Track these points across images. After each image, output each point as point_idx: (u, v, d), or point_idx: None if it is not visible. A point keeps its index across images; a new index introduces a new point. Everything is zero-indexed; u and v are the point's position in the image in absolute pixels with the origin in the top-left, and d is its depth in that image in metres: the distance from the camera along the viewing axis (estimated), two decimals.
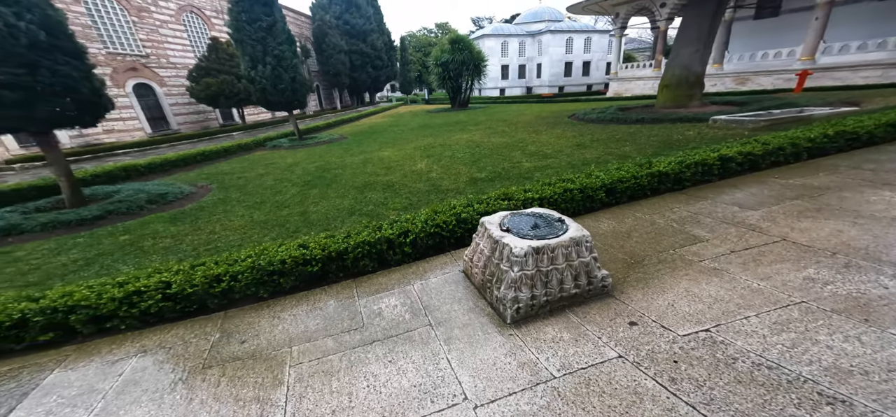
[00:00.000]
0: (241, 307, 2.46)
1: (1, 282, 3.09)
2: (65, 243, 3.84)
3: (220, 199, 5.50)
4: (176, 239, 3.94)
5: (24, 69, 3.83)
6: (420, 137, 10.60)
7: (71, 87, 4.27)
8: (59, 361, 2.01)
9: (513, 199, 3.24)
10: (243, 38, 9.71)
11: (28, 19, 3.80)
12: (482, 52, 20.58)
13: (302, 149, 10.20)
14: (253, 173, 7.36)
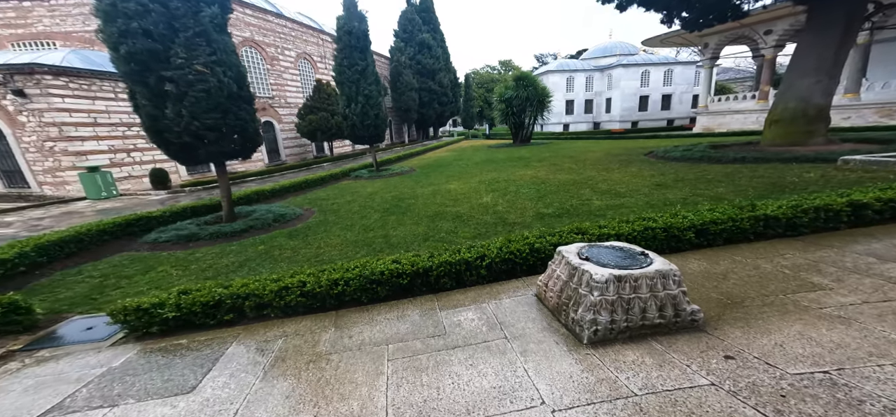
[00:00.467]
0: (348, 308, 3.07)
1: (191, 275, 4.33)
2: (224, 249, 5.18)
3: (321, 221, 6.68)
4: (294, 251, 4.97)
5: (220, 114, 5.46)
6: (484, 172, 11.14)
7: (243, 128, 5.89)
8: (235, 337, 2.80)
9: (587, 233, 3.43)
10: (343, 80, 11.78)
11: (230, 76, 5.49)
12: (547, 88, 20.92)
13: (379, 180, 11.64)
14: (342, 200, 8.70)
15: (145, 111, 5.11)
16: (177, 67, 4.91)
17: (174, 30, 4.88)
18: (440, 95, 37.58)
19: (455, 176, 11.02)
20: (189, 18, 4.95)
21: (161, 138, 5.35)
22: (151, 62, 4.82)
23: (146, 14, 4.64)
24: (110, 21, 4.61)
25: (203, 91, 5.13)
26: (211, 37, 5.21)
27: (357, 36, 11.39)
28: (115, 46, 4.68)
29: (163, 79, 4.93)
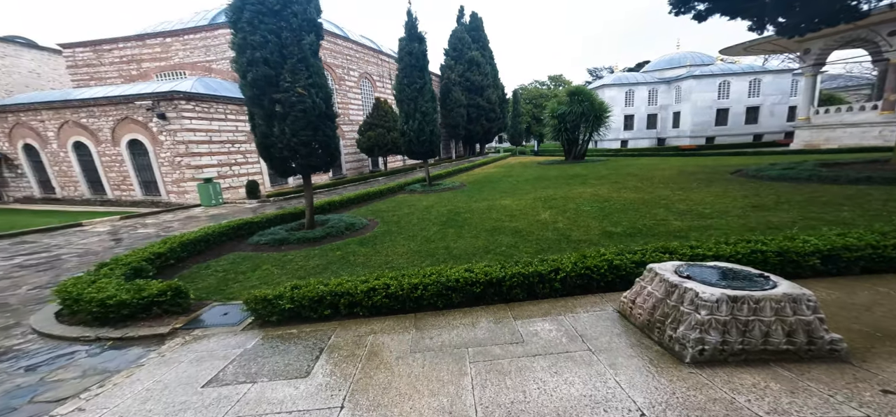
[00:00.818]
0: (425, 312, 3.33)
1: (287, 274, 5.05)
2: (309, 253, 5.96)
3: (386, 231, 7.28)
4: (366, 258, 5.52)
5: (312, 132, 6.38)
6: (538, 189, 11.01)
7: (327, 143, 6.78)
8: (332, 330, 3.25)
9: (675, 253, 3.35)
10: (402, 98, 12.72)
11: (320, 97, 6.42)
12: (605, 103, 19.93)
13: (432, 194, 12.21)
14: (401, 212, 9.33)
15: (259, 129, 6.19)
16: (284, 90, 5.89)
17: (284, 57, 5.88)
18: (488, 111, 38.07)
19: (508, 192, 11.08)
20: (294, 46, 5.94)
21: (268, 153, 6.41)
22: (266, 86, 5.86)
23: (265, 44, 5.68)
24: (241, 53, 5.73)
25: (301, 111, 6.07)
26: (309, 62, 6.19)
27: (416, 56, 12.36)
28: (243, 74, 5.80)
29: (273, 101, 5.93)
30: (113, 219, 9.94)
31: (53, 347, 3.07)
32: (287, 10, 5.81)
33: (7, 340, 3.24)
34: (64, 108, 13.79)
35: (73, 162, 14.53)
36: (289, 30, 5.87)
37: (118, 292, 3.31)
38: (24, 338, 3.29)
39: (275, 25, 5.71)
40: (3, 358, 2.92)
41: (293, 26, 5.91)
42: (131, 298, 3.29)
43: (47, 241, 7.37)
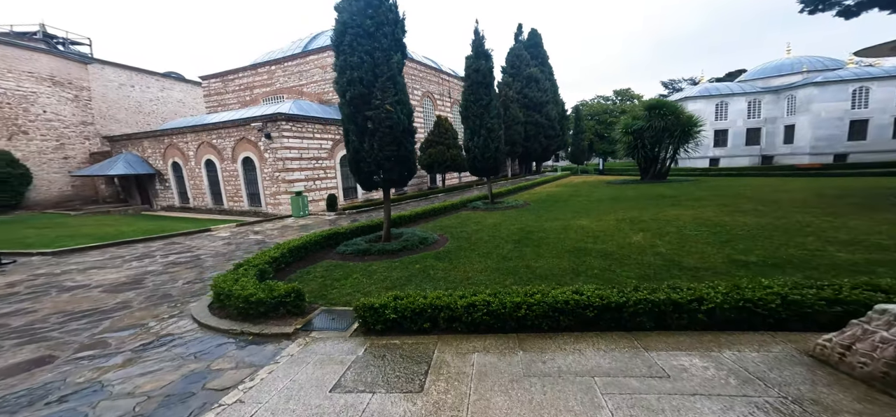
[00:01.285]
0: (528, 333, 3.10)
1: (375, 284, 5.25)
2: (390, 265, 6.23)
3: (458, 247, 7.27)
4: (446, 272, 5.52)
5: (396, 147, 6.80)
6: (617, 210, 10.03)
7: (407, 158, 7.16)
8: (433, 344, 3.17)
9: (891, 292, 2.66)
10: (468, 115, 12.92)
11: (404, 113, 6.86)
12: (694, 117, 17.60)
13: (496, 212, 12.00)
14: (469, 229, 9.31)
15: (353, 144, 6.78)
16: (374, 107, 6.41)
17: (375, 76, 6.41)
18: (547, 128, 36.81)
19: (581, 212, 10.30)
20: (384, 66, 6.46)
21: (358, 167, 6.97)
22: (361, 104, 6.44)
23: (361, 65, 6.30)
24: (342, 73, 6.42)
25: (388, 127, 6.52)
26: (396, 80, 6.68)
27: (483, 73, 12.59)
28: (343, 92, 6.47)
29: (365, 118, 6.47)
30: (230, 226, 11.92)
31: (210, 337, 3.62)
32: (379, 32, 6.38)
33: (179, 326, 3.96)
34: (202, 131, 17.34)
35: (204, 177, 18.08)
36: (380, 50, 6.42)
37: (256, 291, 3.84)
38: (190, 325, 3.97)
39: (369, 47, 6.30)
40: (179, 343, 3.53)
41: (384, 47, 6.46)
42: (266, 297, 3.77)
43: (188, 243, 9.10)
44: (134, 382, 2.79)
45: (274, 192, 16.58)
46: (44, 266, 6.80)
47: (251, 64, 22.84)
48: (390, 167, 6.90)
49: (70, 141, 19.53)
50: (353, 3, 6.32)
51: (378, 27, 6.36)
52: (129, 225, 12.77)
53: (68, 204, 19.12)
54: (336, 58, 6.63)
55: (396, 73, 6.63)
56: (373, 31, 6.32)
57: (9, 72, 17.27)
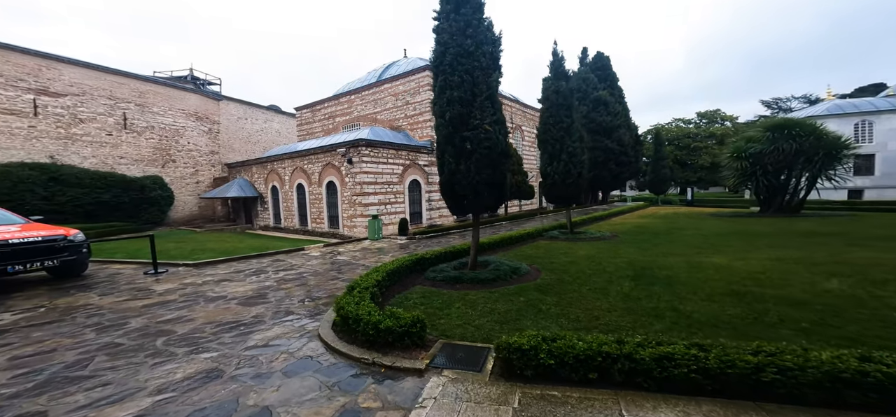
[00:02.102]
0: (768, 403, 2.28)
1: (480, 315, 4.78)
2: (490, 295, 5.70)
3: (557, 280, 6.46)
4: (561, 308, 4.75)
5: (491, 170, 6.48)
6: (758, 247, 8.27)
7: (502, 182, 6.75)
8: (613, 403, 2.51)
9: None
10: (546, 139, 12.26)
11: (502, 134, 6.58)
12: (845, 137, 14.32)
13: (582, 244, 10.86)
14: (558, 260, 8.42)
15: (449, 167, 6.60)
16: (473, 127, 6.23)
17: (473, 95, 6.28)
18: (618, 155, 33.88)
19: (701, 248, 8.66)
20: (483, 84, 6.33)
21: (452, 190, 6.76)
22: (459, 124, 6.31)
23: (461, 84, 6.22)
24: (442, 93, 6.42)
25: (486, 148, 6.28)
26: (494, 99, 6.50)
27: (563, 95, 11.98)
28: (442, 113, 6.45)
29: (463, 139, 6.30)
30: (318, 247, 12.94)
31: (344, 365, 3.47)
32: (479, 51, 6.30)
33: (312, 348, 3.97)
34: (297, 157, 19.82)
35: (294, 199, 20.45)
36: (480, 69, 6.32)
37: (383, 318, 3.73)
38: (321, 348, 3.90)
39: (469, 66, 6.24)
40: (318, 368, 3.42)
41: (483, 65, 6.37)
42: (394, 326, 3.62)
43: (289, 261, 9.97)
44: (296, 413, 2.75)
45: (350, 215, 17.81)
46: (188, 276, 7.93)
47: (334, 94, 25.79)
48: (485, 190, 6.61)
49: (201, 167, 24.09)
50: (453, 24, 6.46)
51: (477, 46, 6.36)
52: (240, 242, 14.76)
53: (194, 222, 23.23)
54: (435, 79, 6.77)
55: (494, 92, 6.51)
56: (472, 50, 6.32)
57: (169, 110, 22.32)
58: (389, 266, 6.70)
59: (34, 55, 16.81)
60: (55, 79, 17.37)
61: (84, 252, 7.09)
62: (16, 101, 15.93)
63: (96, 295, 6.27)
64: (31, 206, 14.35)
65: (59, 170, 16.14)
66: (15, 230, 6.33)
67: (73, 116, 17.89)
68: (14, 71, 16.00)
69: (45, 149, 16.82)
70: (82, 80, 18.36)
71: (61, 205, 15.71)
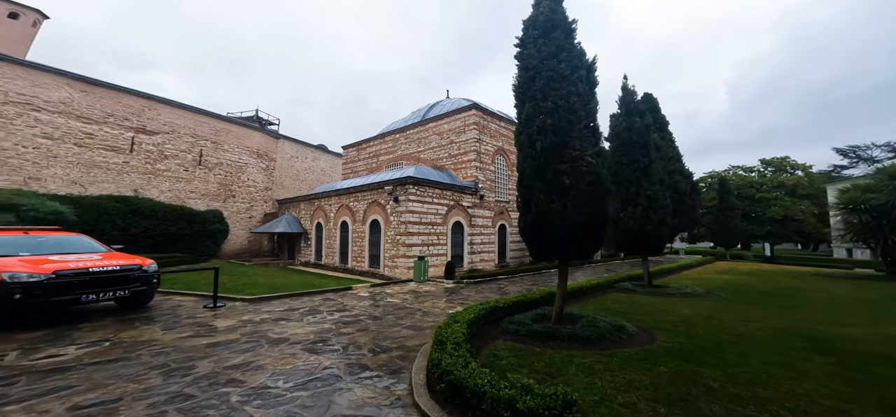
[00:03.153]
0: None
1: (619, 388, 3.60)
2: (608, 362, 4.39)
3: (690, 346, 5.04)
4: (738, 387, 3.50)
5: (593, 208, 5.53)
6: None
7: (603, 223, 5.76)
8: None
9: None
10: (620, 180, 11.14)
11: (606, 166, 5.76)
12: None
13: (673, 298, 9.17)
14: (664, 319, 6.90)
15: (538, 206, 5.76)
16: (570, 159, 5.48)
17: (570, 123, 5.60)
18: (675, 203, 31.04)
19: (848, 315, 6.79)
20: (581, 111, 5.68)
21: (539, 232, 5.86)
22: (552, 156, 5.59)
23: (555, 111, 5.59)
24: (531, 121, 5.79)
25: (588, 183, 5.45)
26: (595, 128, 5.79)
27: (638, 132, 11.05)
28: (531, 143, 5.74)
29: (558, 173, 5.53)
30: (365, 287, 12.35)
31: None
32: (575, 75, 5.77)
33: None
34: (343, 194, 20.26)
35: (337, 237, 20.59)
36: (576, 95, 5.73)
37: (516, 394, 2.76)
38: None
39: (564, 91, 5.67)
40: None
41: (580, 91, 5.78)
42: (537, 407, 2.63)
43: (340, 300, 9.36)
44: None
45: (392, 255, 17.26)
46: (245, 312, 7.53)
47: (379, 133, 26.87)
48: (584, 232, 5.67)
49: (256, 203, 25.56)
50: (543, 48, 6.06)
51: (573, 70, 5.83)
52: (286, 277, 14.61)
53: (242, 255, 24.08)
54: (521, 107, 6.24)
55: (595, 120, 5.84)
56: (567, 73, 5.79)
57: (237, 148, 24.45)
58: (465, 315, 5.74)
59: (139, 96, 19.40)
60: (153, 118, 19.89)
61: (154, 283, 6.99)
62: (118, 139, 18.26)
63: (160, 330, 5.93)
64: (109, 236, 15.59)
65: (140, 203, 17.71)
66: (97, 258, 6.38)
67: (160, 153, 20.07)
68: (123, 110, 18.58)
69: (133, 183, 18.74)
70: (173, 119, 20.86)
71: (135, 235, 16.94)
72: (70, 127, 16.37)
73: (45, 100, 15.58)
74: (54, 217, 10.68)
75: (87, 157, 16.99)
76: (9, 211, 9.75)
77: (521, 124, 6.20)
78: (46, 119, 15.56)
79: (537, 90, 5.93)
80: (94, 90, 17.50)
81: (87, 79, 17.39)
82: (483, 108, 21.79)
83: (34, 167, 15.22)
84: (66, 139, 16.21)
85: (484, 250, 21.36)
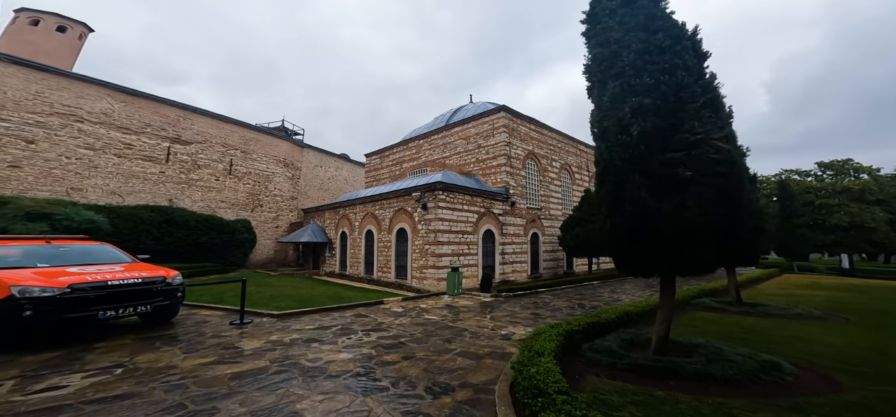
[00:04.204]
0: None
1: None
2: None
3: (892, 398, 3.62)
4: None
5: (726, 208, 4.21)
6: None
7: (741, 227, 4.47)
8: None
9: None
10: None
11: (740, 155, 4.60)
12: None
13: (784, 321, 7.45)
14: (791, 350, 5.34)
15: (637, 204, 4.49)
16: (689, 145, 4.22)
17: (680, 101, 4.39)
18: None
19: None
20: (694, 87, 4.44)
21: (635, 237, 4.60)
22: (656, 143, 4.37)
23: (657, 88, 4.42)
24: (619, 103, 4.63)
25: (718, 175, 4.14)
26: (718, 105, 4.50)
27: None
28: (623, 128, 4.56)
29: (668, 164, 4.30)
30: (397, 300, 11.33)
31: None
32: (678, 46, 4.57)
33: None
34: (369, 202, 19.59)
35: (362, 247, 19.87)
36: (684, 68, 4.52)
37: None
38: None
39: (667, 64, 4.47)
40: None
41: (689, 64, 4.56)
42: None
43: (374, 317, 8.36)
44: None
45: (421, 266, 16.21)
46: (274, 330, 6.68)
47: (402, 140, 26.26)
48: (709, 239, 4.32)
49: (282, 212, 25.53)
50: (626, 18, 4.88)
51: (676, 40, 4.64)
52: (313, 289, 13.87)
53: (268, 265, 23.93)
54: (602, 87, 5.04)
55: (718, 98, 4.56)
56: (668, 44, 4.58)
57: (264, 157, 24.62)
58: (544, 343, 4.50)
59: (175, 106, 19.80)
60: (188, 128, 20.29)
61: (179, 296, 6.28)
62: (155, 149, 18.66)
63: (181, 353, 5.12)
64: (145, 246, 15.63)
65: (173, 213, 17.84)
66: (119, 270, 5.73)
67: (194, 163, 20.39)
68: (160, 120, 19.03)
69: (167, 192, 19.03)
70: (206, 129, 21.24)
71: (167, 245, 16.98)
72: (111, 137, 16.83)
73: (88, 112, 16.10)
74: (88, 226, 10.53)
75: (126, 168, 17.38)
76: (43, 221, 9.62)
77: (602, 108, 5.03)
78: (89, 129, 16.04)
79: (626, 65, 4.78)
80: (134, 100, 18.03)
81: (128, 89, 17.97)
82: (512, 111, 20.63)
83: (76, 177, 15.63)
84: (107, 150, 16.64)
85: (516, 260, 19.90)
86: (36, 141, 14.38)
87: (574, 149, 26.69)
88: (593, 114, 5.23)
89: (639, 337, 5.72)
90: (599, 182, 5.11)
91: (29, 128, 14.25)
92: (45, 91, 14.77)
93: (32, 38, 24.89)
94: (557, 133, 24.76)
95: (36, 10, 25.60)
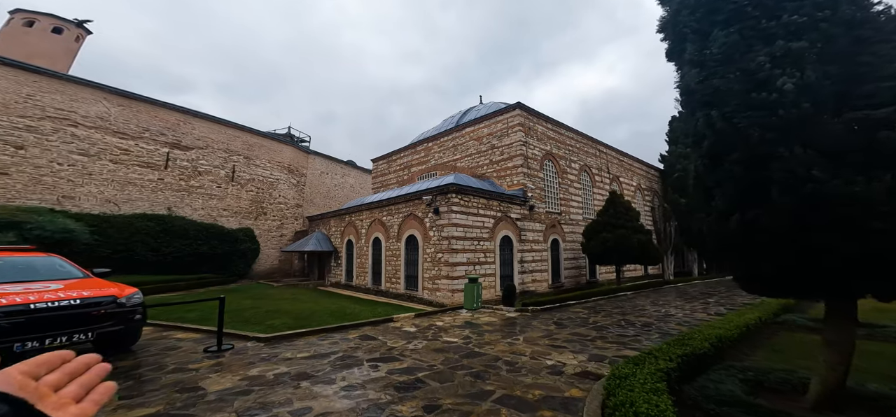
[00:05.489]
0: None
1: None
2: None
3: None
4: None
5: None
6: None
7: None
8: None
9: None
10: None
11: None
12: None
13: None
14: None
15: (794, 192, 2.98)
16: (878, 104, 2.72)
17: (861, 42, 2.94)
18: None
19: None
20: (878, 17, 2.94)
21: (792, 239, 3.05)
22: (828, 99, 2.91)
23: (812, 27, 3.01)
24: (745, 51, 3.24)
25: None
26: None
27: None
28: (762, 83, 3.10)
29: (830, 138, 2.86)
30: (410, 317, 9.88)
31: None
32: None
33: None
34: (376, 208, 18.26)
35: (369, 255, 18.49)
36: (842, 23, 3.08)
37: None
38: None
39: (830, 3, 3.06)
40: None
41: (847, 17, 3.09)
42: None
43: (383, 340, 6.92)
44: None
45: (433, 276, 14.69)
46: (257, 360, 5.27)
47: (410, 143, 25.02)
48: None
49: (286, 220, 24.42)
50: None
51: None
52: (314, 303, 12.52)
53: (273, 275, 22.70)
54: (702, 41, 3.66)
55: None
56: None
57: (268, 163, 23.65)
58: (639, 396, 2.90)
59: (174, 110, 18.98)
60: (188, 132, 19.45)
61: (137, 318, 4.92)
62: (153, 155, 17.81)
63: (115, 400, 3.70)
64: (140, 257, 14.58)
65: (171, 222, 16.86)
66: (55, 289, 4.42)
67: (194, 169, 19.49)
68: (158, 125, 18.21)
69: (166, 200, 18.10)
70: (207, 134, 20.38)
71: (165, 256, 15.93)
72: (106, 142, 16.03)
73: (83, 116, 15.35)
74: (62, 236, 9.42)
75: (122, 175, 16.51)
76: (10, 230, 8.53)
77: (707, 65, 3.59)
78: (83, 134, 15.26)
79: (746, 5, 3.43)
80: (131, 104, 17.29)
81: (125, 92, 17.26)
82: (528, 108, 19.20)
83: (69, 185, 14.77)
84: (102, 155, 15.82)
85: (536, 268, 18.18)
86: (26, 146, 13.60)
87: (593, 149, 25.02)
88: (688, 75, 3.77)
89: (764, 375, 4.06)
90: (708, 165, 3.56)
91: (18, 133, 13.49)
92: (36, 94, 14.07)
93: (27, 40, 24.04)
94: (576, 132, 23.21)
95: (31, 11, 24.98)
